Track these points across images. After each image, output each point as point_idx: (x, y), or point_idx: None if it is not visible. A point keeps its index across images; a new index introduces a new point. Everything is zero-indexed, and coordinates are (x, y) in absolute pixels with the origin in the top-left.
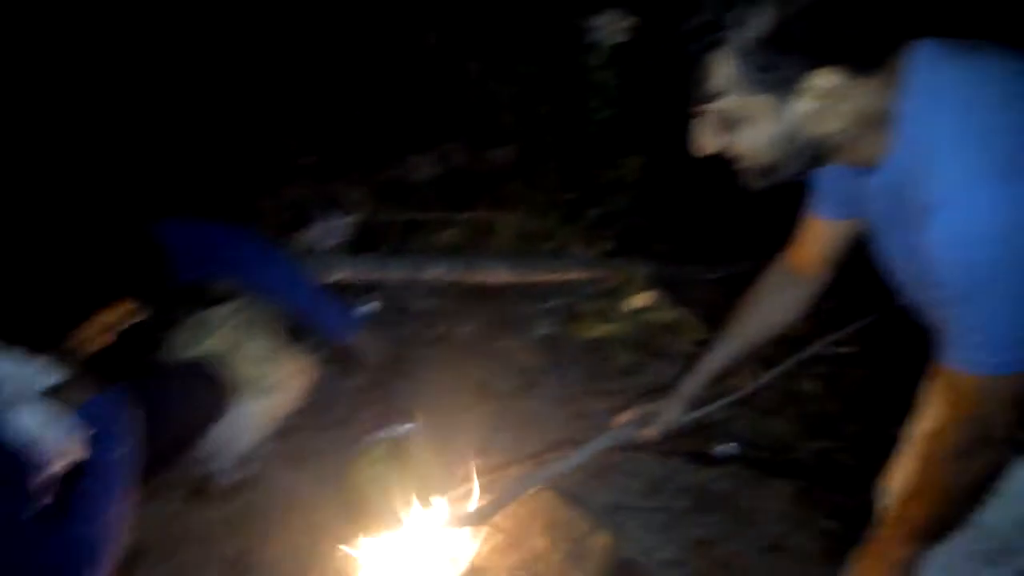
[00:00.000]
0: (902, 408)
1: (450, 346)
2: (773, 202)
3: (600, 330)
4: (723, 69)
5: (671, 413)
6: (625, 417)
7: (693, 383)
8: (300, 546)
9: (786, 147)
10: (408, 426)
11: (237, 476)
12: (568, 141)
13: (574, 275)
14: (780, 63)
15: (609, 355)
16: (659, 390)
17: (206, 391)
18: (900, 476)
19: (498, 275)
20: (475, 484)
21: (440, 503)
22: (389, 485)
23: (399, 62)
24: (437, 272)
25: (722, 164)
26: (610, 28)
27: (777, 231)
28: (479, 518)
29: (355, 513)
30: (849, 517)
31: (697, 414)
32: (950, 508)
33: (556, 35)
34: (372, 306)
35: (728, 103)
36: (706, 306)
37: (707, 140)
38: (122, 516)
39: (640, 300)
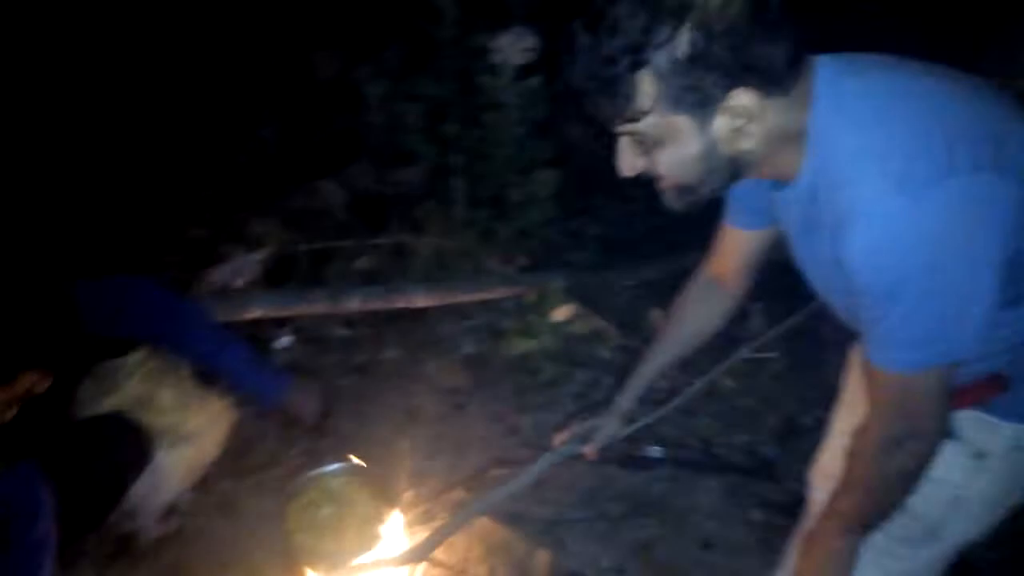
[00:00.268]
0: (815, 398)
1: (373, 374)
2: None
3: (524, 345)
4: (643, 90)
5: (610, 427)
6: (565, 435)
7: (628, 396)
8: None
9: (705, 166)
10: (339, 463)
11: (162, 531)
12: (477, 159)
13: (492, 294)
14: (700, 84)
15: (534, 369)
16: (586, 399)
17: (126, 445)
18: (827, 465)
19: (417, 299)
20: (413, 518)
21: (379, 541)
22: (325, 526)
23: (296, 89)
24: (355, 302)
25: (629, 178)
26: (513, 48)
27: (685, 237)
28: (419, 554)
29: (292, 559)
30: (777, 507)
31: (636, 426)
32: (883, 498)
33: (459, 56)
34: (285, 341)
35: (648, 124)
36: (623, 312)
37: (628, 161)
38: None
39: (561, 313)
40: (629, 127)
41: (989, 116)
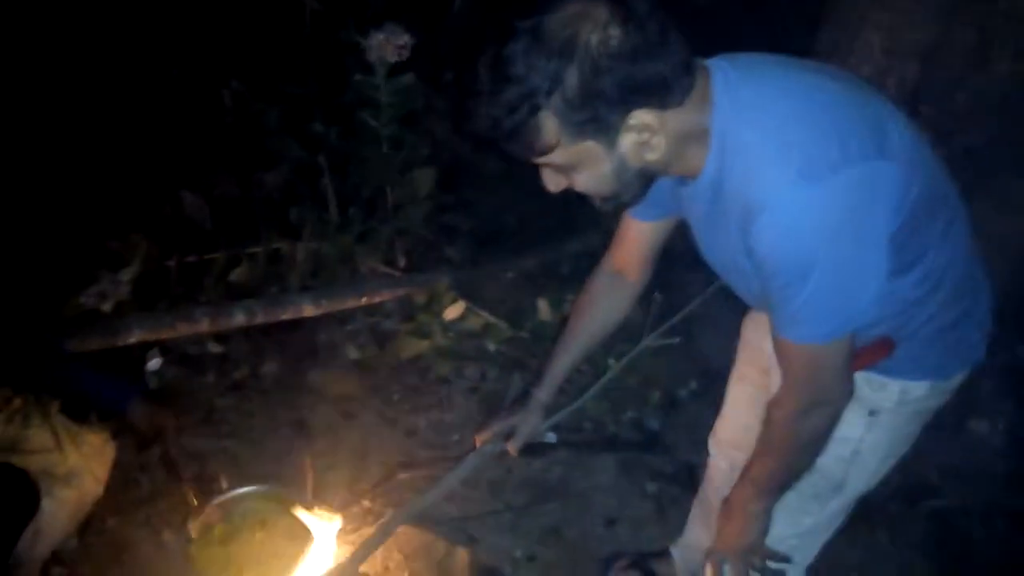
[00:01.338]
0: (689, 373)
1: (255, 390)
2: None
3: (417, 347)
4: (546, 130)
5: (530, 423)
6: (487, 434)
7: (545, 390)
8: None
9: (619, 180)
10: (243, 488)
11: None
12: (349, 160)
13: (380, 297)
14: (596, 114)
15: (425, 367)
16: (478, 392)
17: (9, 493)
18: (724, 434)
19: (302, 310)
20: (329, 533)
21: (299, 564)
22: (240, 556)
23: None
24: (239, 318)
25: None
26: (386, 46)
27: (555, 224)
28: (347, 570)
29: None
30: (668, 477)
31: (555, 419)
32: (797, 461)
33: (326, 54)
34: (155, 363)
35: (559, 156)
36: (507, 304)
37: (552, 183)
38: None
39: (452, 312)
40: (542, 160)
41: (868, 106)
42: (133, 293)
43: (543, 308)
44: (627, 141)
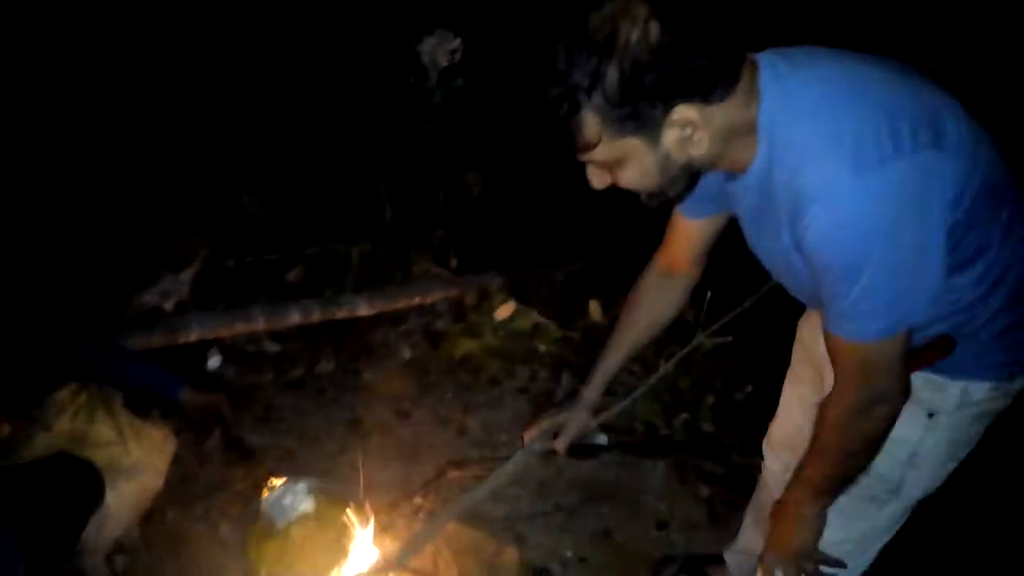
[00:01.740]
0: (744, 375)
1: (311, 388)
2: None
3: (468, 346)
4: (588, 126)
5: (579, 421)
6: (535, 432)
7: (594, 388)
8: None
9: (664, 176)
10: (297, 482)
11: (109, 571)
12: (399, 163)
13: (432, 297)
14: (637, 111)
15: (476, 367)
16: (528, 393)
17: (77, 484)
18: (778, 436)
19: (356, 310)
20: (378, 529)
21: (349, 556)
22: (292, 548)
23: (209, 99)
24: (294, 317)
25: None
26: (438, 50)
27: (605, 230)
28: (396, 562)
29: None
30: (722, 481)
31: (603, 417)
32: (851, 463)
33: (380, 58)
34: (214, 361)
35: (601, 152)
36: (557, 306)
37: (596, 180)
38: None
39: (503, 311)
40: (586, 157)
41: (921, 96)
42: (193, 292)
43: (594, 309)
44: (670, 137)
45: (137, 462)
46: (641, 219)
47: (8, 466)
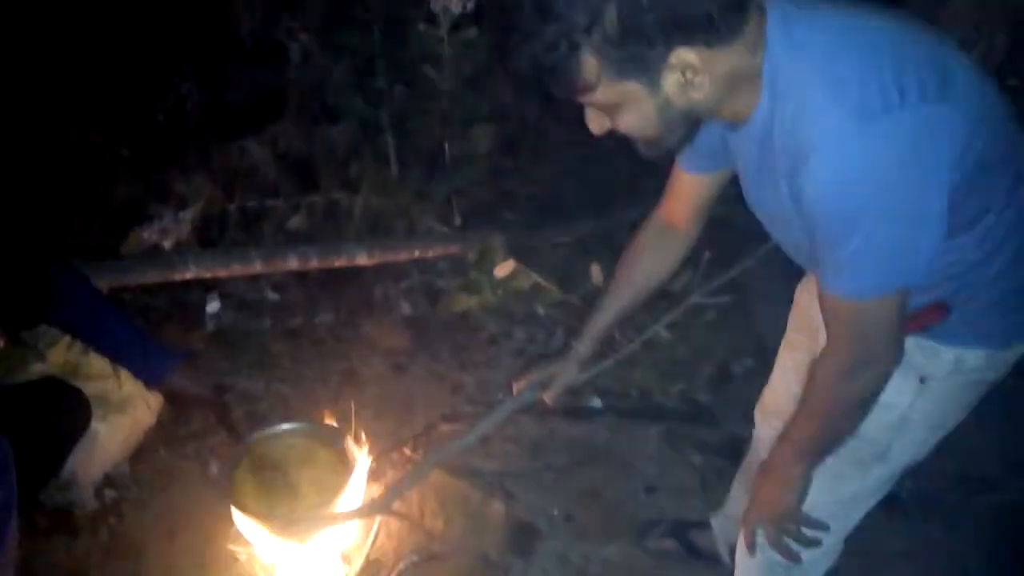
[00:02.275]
0: (745, 347)
1: (308, 338)
2: (610, 166)
3: (466, 302)
4: (586, 68)
5: (568, 374)
6: (524, 382)
7: (585, 342)
8: (188, 566)
9: (664, 121)
10: (287, 424)
11: (99, 504)
12: (410, 115)
13: (432, 251)
14: (636, 52)
15: (475, 326)
16: (525, 355)
17: (65, 407)
18: (771, 402)
19: (355, 259)
20: (366, 474)
21: (335, 497)
22: (278, 486)
23: (215, 43)
24: (292, 261)
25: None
26: None
27: (613, 198)
28: (380, 506)
29: (241, 524)
30: (714, 450)
31: (592, 372)
32: (839, 424)
33: (390, 4)
34: (213, 306)
35: (601, 95)
36: (560, 269)
37: (595, 126)
38: (7, 561)
39: (503, 269)
40: (585, 99)
41: (929, 48)
42: (193, 234)
43: (595, 273)
44: (670, 80)
45: (129, 396)
46: (647, 185)
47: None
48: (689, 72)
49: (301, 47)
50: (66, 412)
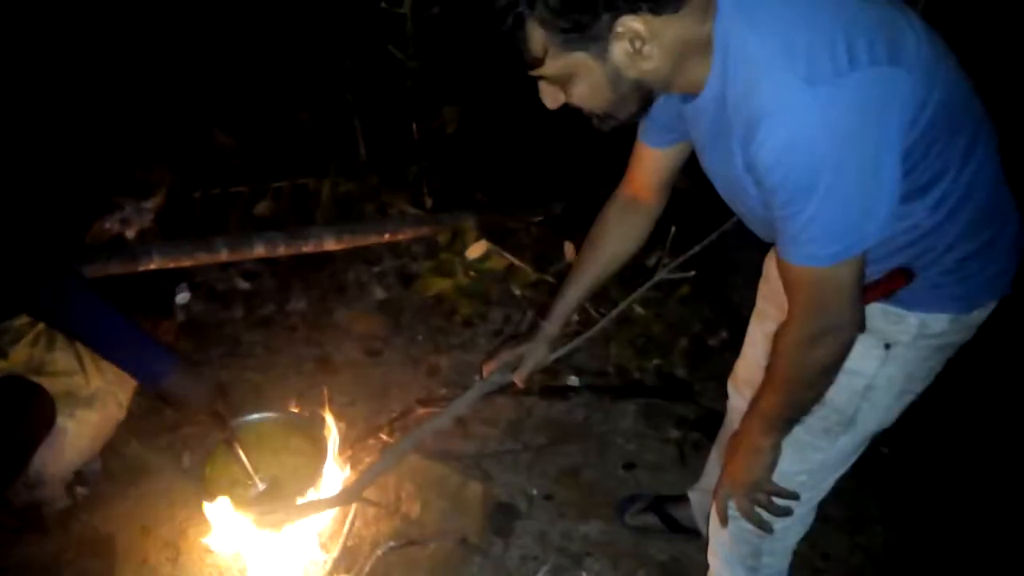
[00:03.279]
0: (719, 320)
1: (281, 326)
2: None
3: (439, 285)
4: (533, 39)
5: (537, 354)
6: (494, 364)
7: (554, 321)
8: (158, 563)
9: (615, 93)
10: (260, 413)
11: (70, 501)
12: (372, 96)
13: (403, 234)
14: (580, 22)
15: (450, 309)
16: (504, 335)
17: (26, 407)
18: (743, 374)
19: (323, 244)
20: (341, 461)
21: (309, 485)
22: (256, 478)
23: (171, 28)
24: (258, 248)
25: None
26: None
27: (583, 173)
28: (352, 494)
29: (215, 516)
30: (691, 424)
31: (562, 351)
32: (804, 393)
33: None
34: (182, 296)
35: (550, 68)
36: (533, 248)
37: (549, 99)
38: None
39: (475, 250)
40: (536, 72)
41: (879, 11)
42: (158, 223)
43: (569, 251)
44: (618, 50)
45: (97, 391)
46: (617, 163)
47: None
48: (637, 41)
49: (263, 29)
50: (28, 410)
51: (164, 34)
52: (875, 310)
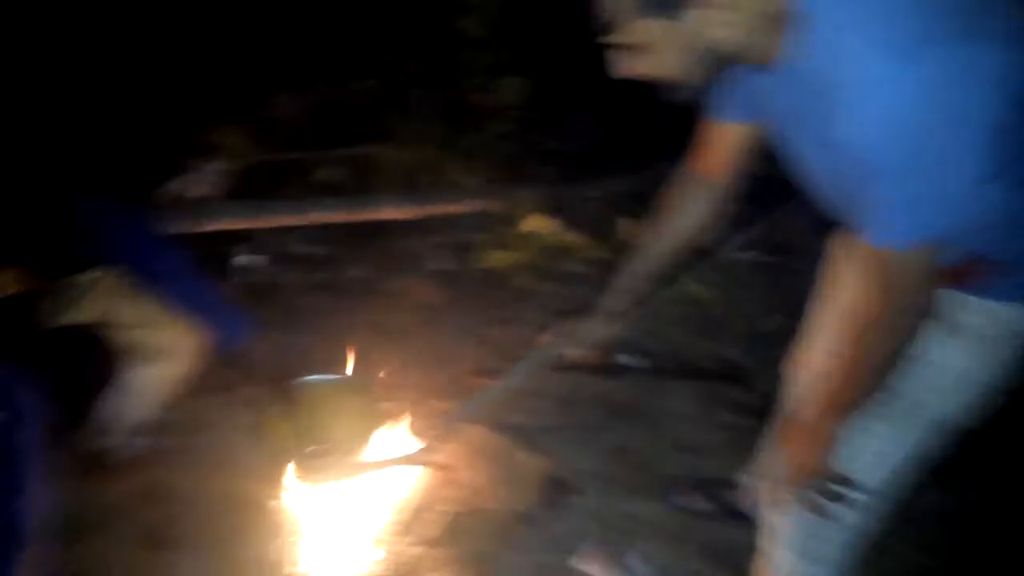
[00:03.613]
0: (778, 305)
1: (338, 291)
2: (646, 119)
3: (497, 258)
4: (614, 2)
5: (596, 329)
6: (549, 338)
7: (614, 297)
8: (220, 510)
9: (689, 61)
10: (320, 375)
11: (135, 449)
12: (438, 66)
13: (461, 206)
14: None
15: (504, 282)
16: (557, 311)
17: (97, 357)
18: (803, 359)
19: (385, 212)
20: (404, 425)
21: (367, 446)
22: (313, 436)
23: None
24: (321, 214)
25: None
26: None
27: (646, 150)
28: (408, 459)
29: (273, 470)
30: (747, 409)
31: (619, 328)
32: (870, 377)
33: None
34: (244, 258)
35: (627, 33)
36: (592, 225)
37: (620, 67)
38: (34, 504)
39: (533, 224)
40: (612, 37)
41: None
42: (222, 184)
43: (626, 228)
44: (695, 17)
45: (163, 347)
46: (680, 139)
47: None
48: (715, 9)
49: None
50: (95, 359)
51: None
52: (945, 298)
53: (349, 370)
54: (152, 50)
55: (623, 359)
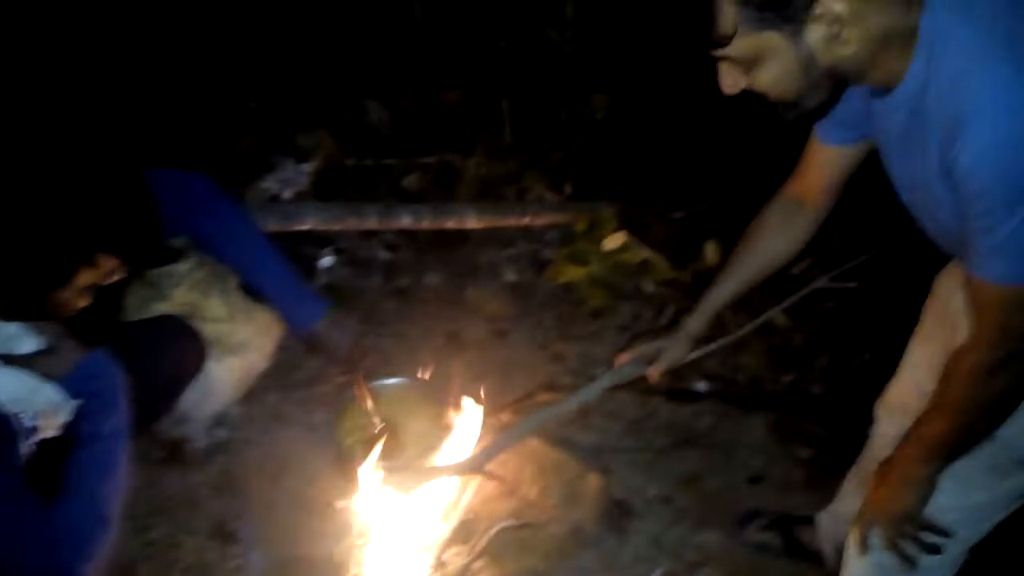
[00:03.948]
0: (865, 340)
1: (415, 298)
2: (733, 142)
3: (573, 273)
4: (726, 14)
5: (676, 351)
6: (629, 355)
7: (698, 319)
8: (289, 507)
9: (805, 79)
10: (393, 378)
11: (211, 440)
12: (524, 79)
13: (543, 219)
14: (780, 0)
15: (580, 299)
16: (629, 332)
17: (184, 345)
18: (895, 398)
19: (466, 221)
20: (466, 433)
21: (434, 452)
22: (378, 438)
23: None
24: (405, 220)
25: (687, 105)
26: None
27: (735, 171)
28: (476, 465)
29: (343, 471)
30: (825, 445)
31: (702, 351)
32: (975, 424)
33: None
34: (327, 260)
35: (739, 47)
36: (671, 246)
37: (729, 83)
38: (119, 487)
39: (613, 241)
40: (722, 51)
41: None
42: (312, 186)
43: (710, 252)
44: (815, 33)
45: (244, 340)
46: (772, 163)
47: (124, 322)
48: (836, 25)
49: (424, 7)
50: (183, 350)
51: (334, 5)
52: None
53: (426, 376)
54: (252, 52)
55: (699, 385)
